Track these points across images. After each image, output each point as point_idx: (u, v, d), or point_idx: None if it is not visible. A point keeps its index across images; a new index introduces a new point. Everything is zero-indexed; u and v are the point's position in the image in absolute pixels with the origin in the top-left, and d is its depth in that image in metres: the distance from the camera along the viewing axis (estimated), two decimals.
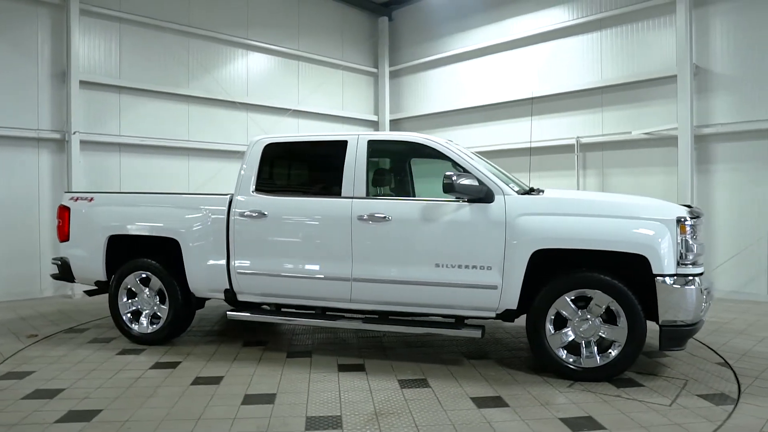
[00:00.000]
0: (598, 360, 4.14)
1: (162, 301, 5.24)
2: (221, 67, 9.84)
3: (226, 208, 4.97)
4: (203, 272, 5.01)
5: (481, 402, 3.75)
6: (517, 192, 4.41)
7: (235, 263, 4.90)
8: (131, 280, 5.30)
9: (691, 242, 4.04)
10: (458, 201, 4.39)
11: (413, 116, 12.07)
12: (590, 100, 8.94)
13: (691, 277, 4.02)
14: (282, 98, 10.73)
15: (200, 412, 3.57)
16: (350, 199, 4.66)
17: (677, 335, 4.04)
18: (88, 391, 3.97)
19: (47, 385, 4.11)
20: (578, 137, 8.97)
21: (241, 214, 4.90)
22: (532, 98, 9.18)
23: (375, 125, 12.53)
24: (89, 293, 5.78)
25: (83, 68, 8.08)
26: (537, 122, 9.65)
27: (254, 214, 4.84)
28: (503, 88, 10.20)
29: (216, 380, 4.22)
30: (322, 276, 4.67)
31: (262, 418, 3.47)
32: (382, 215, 4.51)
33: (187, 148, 9.34)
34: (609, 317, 4.15)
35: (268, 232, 4.83)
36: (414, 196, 5.79)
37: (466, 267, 4.34)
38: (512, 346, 5.22)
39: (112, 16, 8.42)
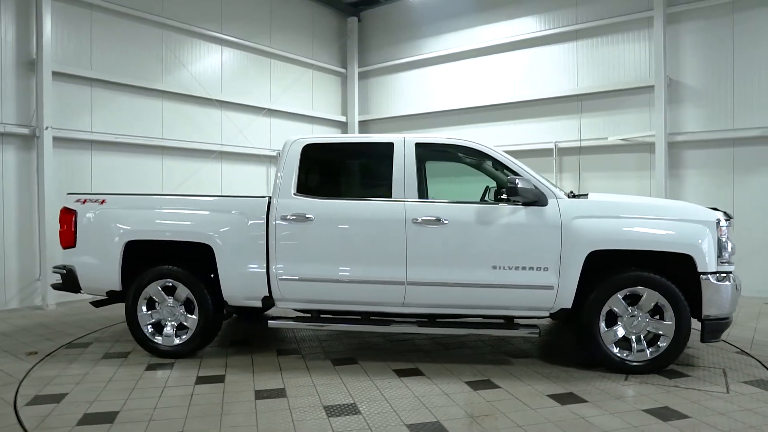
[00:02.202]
0: (648, 354, 4.40)
1: (189, 311, 4.90)
2: (196, 62, 9.33)
3: (265, 212, 4.74)
4: (240, 279, 4.75)
5: (560, 399, 3.86)
6: (566, 196, 4.59)
7: (277, 269, 4.68)
8: (153, 290, 4.90)
9: (726, 242, 4.41)
10: (513, 204, 4.50)
11: (382, 118, 12.10)
12: (567, 107, 9.43)
13: (726, 274, 4.39)
14: (255, 96, 10.37)
15: (292, 429, 3.39)
16: (402, 202, 4.61)
17: (717, 328, 4.39)
18: (147, 413, 3.63)
19: (94, 408, 3.72)
20: (556, 142, 9.43)
21: (283, 218, 4.69)
22: (579, 95, 9.27)
23: (343, 126, 12.42)
24: (96, 304, 5.29)
25: (53, 57, 7.34)
26: (516, 126, 10.03)
27: (299, 218, 4.66)
28: (479, 92, 10.49)
29: (279, 393, 4.01)
30: (375, 280, 4.58)
31: (361, 430, 3.36)
32: (439, 218, 4.51)
33: (161, 147, 8.76)
34: (656, 313, 4.42)
35: (315, 236, 4.66)
36: (427, 197, 5.81)
37: (523, 268, 4.45)
38: (543, 342, 5.41)
39: (83, 2, 7.72)
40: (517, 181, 4.34)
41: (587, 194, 4.83)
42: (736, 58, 7.85)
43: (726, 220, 4.49)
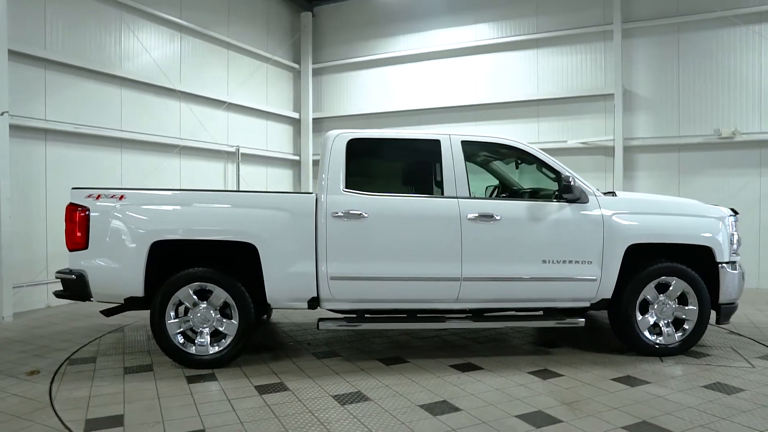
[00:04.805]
0: (676, 337, 4.84)
1: (225, 316, 4.53)
2: (155, 49, 8.59)
3: (314, 209, 4.52)
4: (286, 280, 4.48)
5: (625, 381, 4.13)
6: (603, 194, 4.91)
7: (328, 268, 4.49)
8: (184, 294, 4.47)
9: (733, 234, 4.98)
10: (559, 201, 4.72)
11: (336, 116, 11.96)
12: (527, 111, 9.99)
13: (736, 264, 4.96)
14: (213, 89, 9.78)
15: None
16: (456, 199, 4.64)
17: (729, 312, 4.94)
18: (237, 428, 3.31)
19: (173, 428, 3.31)
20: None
21: (334, 215, 4.51)
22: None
23: (296, 123, 12.08)
24: (107, 313, 4.71)
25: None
26: (477, 128, 10.41)
27: (351, 215, 4.50)
28: (440, 94, 10.75)
29: (360, 397, 3.86)
30: (431, 277, 4.56)
31: (477, 425, 3.36)
32: (492, 215, 4.60)
33: (120, 139, 7.95)
34: (681, 300, 4.87)
35: (369, 233, 4.53)
36: None
37: (570, 262, 4.68)
38: (560, 333, 5.69)
39: None
40: (570, 179, 4.57)
41: (614, 192, 5.19)
42: (681, 73, 8.83)
43: (735, 215, 5.06)
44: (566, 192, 4.57)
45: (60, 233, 6.97)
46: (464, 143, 4.84)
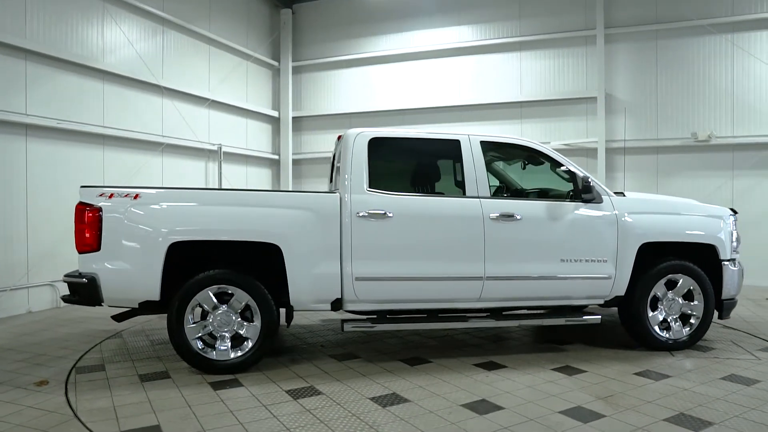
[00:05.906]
0: (684, 333, 5.04)
1: (245, 319, 4.39)
2: (138, 42, 8.23)
3: (338, 208, 4.45)
4: (310, 281, 4.38)
5: (646, 376, 4.26)
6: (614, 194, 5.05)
7: (353, 269, 4.42)
8: (204, 297, 4.29)
9: (735, 233, 5.23)
10: (574, 201, 4.83)
11: (317, 115, 11.83)
12: (511, 112, 10.18)
13: (736, 261, 5.21)
14: (195, 85, 9.49)
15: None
16: (478, 199, 4.67)
17: (730, 306, 5.20)
18: None
19: None
20: None
21: (359, 215, 4.45)
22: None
23: (275, 122, 11.86)
24: (118, 318, 4.48)
25: None
26: (461, 128, 10.48)
27: (376, 215, 4.45)
28: (424, 94, 10.81)
29: (399, 399, 3.81)
30: (455, 276, 4.57)
31: (522, 423, 3.38)
32: (513, 214, 4.66)
33: (102, 135, 7.57)
34: (686, 296, 5.07)
35: (394, 233, 4.49)
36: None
37: (587, 260, 4.80)
38: (558, 329, 5.82)
39: None
40: (589, 180, 4.68)
41: (623, 193, 5.34)
42: (659, 78, 9.22)
43: (735, 214, 5.32)
44: (586, 192, 4.68)
45: (42, 234, 6.63)
46: (483, 143, 4.88)
